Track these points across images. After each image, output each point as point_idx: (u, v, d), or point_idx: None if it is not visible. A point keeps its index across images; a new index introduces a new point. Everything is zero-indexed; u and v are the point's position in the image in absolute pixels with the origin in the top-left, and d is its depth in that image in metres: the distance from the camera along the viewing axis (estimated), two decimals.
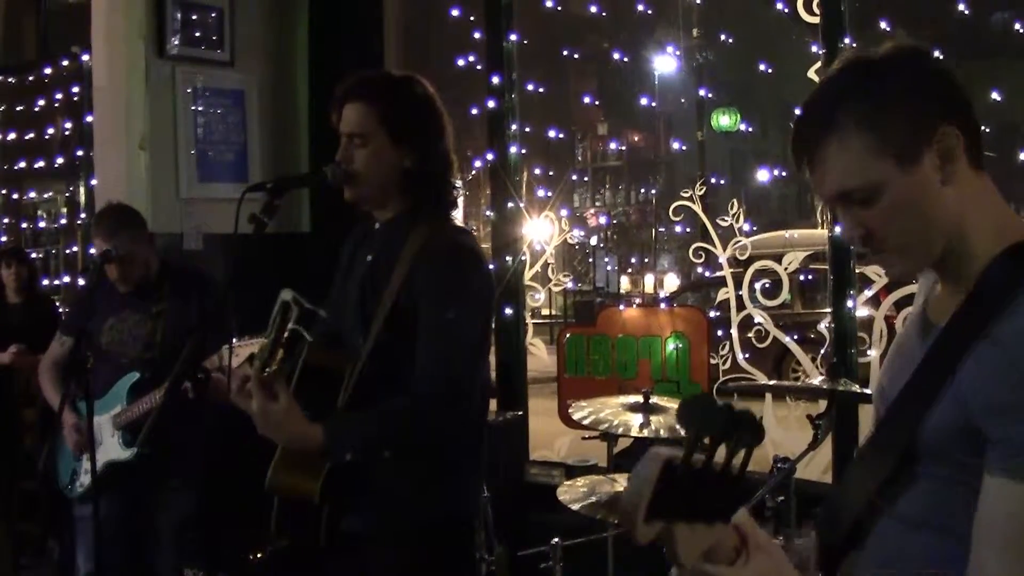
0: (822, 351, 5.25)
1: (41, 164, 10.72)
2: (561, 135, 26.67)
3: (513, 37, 6.12)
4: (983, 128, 1.81)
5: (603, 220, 32.55)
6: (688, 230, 6.84)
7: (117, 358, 4.64)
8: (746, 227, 5.62)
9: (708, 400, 1.45)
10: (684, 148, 26.64)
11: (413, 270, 2.83)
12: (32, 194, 11.75)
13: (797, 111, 1.83)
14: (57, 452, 4.76)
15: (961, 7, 6.80)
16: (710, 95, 24.58)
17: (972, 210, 1.75)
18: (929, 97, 1.73)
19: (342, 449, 2.75)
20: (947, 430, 1.68)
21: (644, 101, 28.74)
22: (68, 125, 10.08)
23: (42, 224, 12.14)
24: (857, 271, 4.92)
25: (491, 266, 3.13)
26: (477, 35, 6.35)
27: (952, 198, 1.73)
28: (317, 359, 2.92)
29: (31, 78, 9.99)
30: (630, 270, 29.92)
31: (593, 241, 28.00)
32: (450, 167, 3.01)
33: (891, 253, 1.79)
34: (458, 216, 3.25)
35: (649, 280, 26.72)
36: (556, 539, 4.26)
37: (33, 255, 10.11)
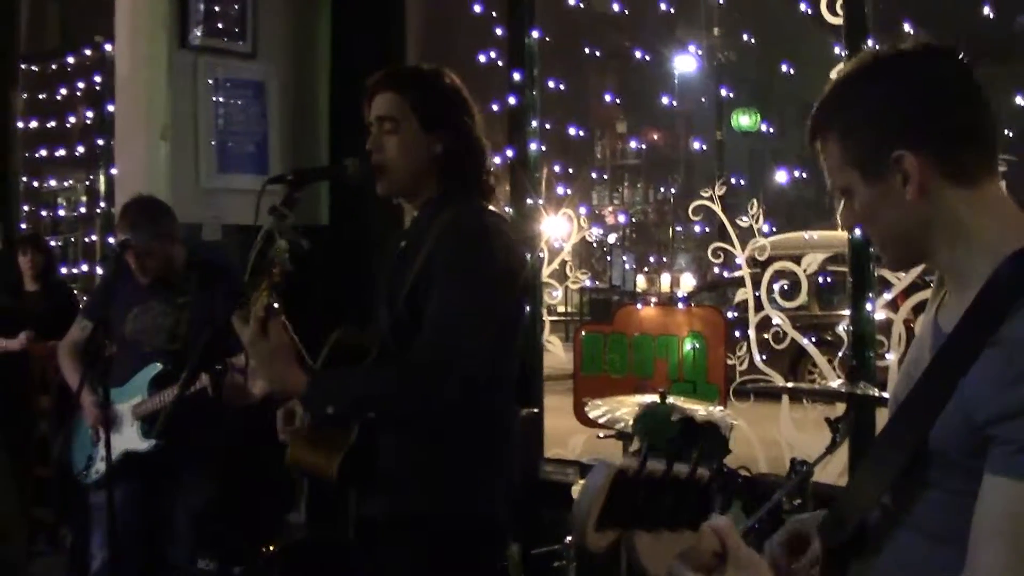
0: (840, 353, 5.23)
1: (62, 152, 10.80)
2: (581, 132, 26.63)
3: (535, 34, 6.11)
4: (1006, 133, 1.82)
5: (621, 218, 32.56)
6: (707, 230, 6.83)
7: (140, 347, 4.65)
8: (765, 228, 5.60)
9: (663, 412, 1.48)
10: (704, 147, 26.66)
11: (434, 248, 2.80)
12: (52, 182, 11.85)
13: None
14: (73, 438, 4.77)
15: (986, 10, 6.77)
16: (730, 95, 24.59)
17: (972, 218, 1.77)
18: (894, 121, 1.78)
19: (322, 400, 2.76)
20: (953, 436, 1.68)
21: (664, 100, 28.74)
22: (89, 114, 10.16)
23: (62, 212, 12.23)
24: (876, 273, 4.90)
25: (523, 251, 3.05)
26: (499, 31, 6.35)
27: (925, 211, 1.78)
28: (346, 338, 2.94)
29: (54, 67, 10.05)
30: (647, 269, 29.89)
31: (611, 239, 27.98)
32: (482, 154, 2.99)
33: (876, 246, 1.93)
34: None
35: (665, 279, 26.71)
36: (570, 537, 4.25)
37: (52, 243, 10.18)
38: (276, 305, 2.74)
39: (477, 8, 6.80)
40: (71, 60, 9.28)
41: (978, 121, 1.79)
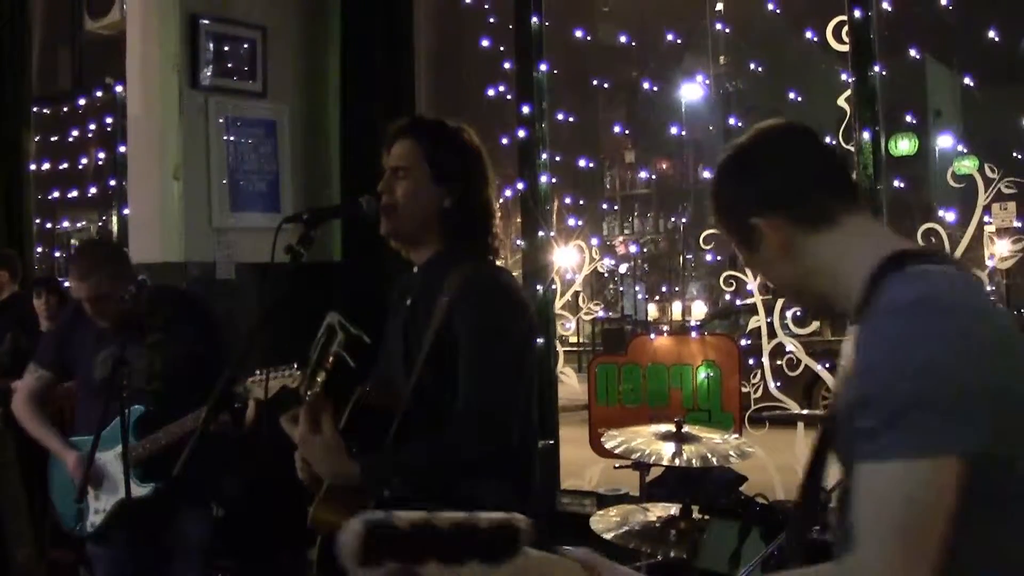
0: None
1: (75, 194, 10.86)
2: (591, 164, 26.71)
3: (543, 67, 6.14)
4: (1014, 155, 1.84)
5: (632, 248, 32.51)
6: (719, 258, 6.84)
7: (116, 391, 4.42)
8: None
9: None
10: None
11: (451, 309, 2.83)
12: (66, 223, 11.89)
13: None
14: (56, 493, 4.62)
15: (991, 34, 6.79)
16: (739, 123, 24.62)
17: (841, 255, 1.92)
18: (744, 195, 2.00)
19: (379, 485, 2.77)
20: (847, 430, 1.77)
21: (673, 129, 28.80)
22: (102, 155, 10.19)
23: None
24: None
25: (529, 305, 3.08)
26: (507, 65, 6.38)
27: (797, 263, 1.96)
28: (369, 400, 2.95)
29: (66, 109, 10.12)
30: (659, 298, 29.87)
31: (623, 269, 27.97)
32: (491, 217, 3.02)
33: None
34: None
35: (677, 307, 26.65)
36: None
37: (66, 284, 10.20)
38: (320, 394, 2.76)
39: (485, 43, 6.84)
40: (83, 102, 9.32)
41: (826, 165, 2.00)
